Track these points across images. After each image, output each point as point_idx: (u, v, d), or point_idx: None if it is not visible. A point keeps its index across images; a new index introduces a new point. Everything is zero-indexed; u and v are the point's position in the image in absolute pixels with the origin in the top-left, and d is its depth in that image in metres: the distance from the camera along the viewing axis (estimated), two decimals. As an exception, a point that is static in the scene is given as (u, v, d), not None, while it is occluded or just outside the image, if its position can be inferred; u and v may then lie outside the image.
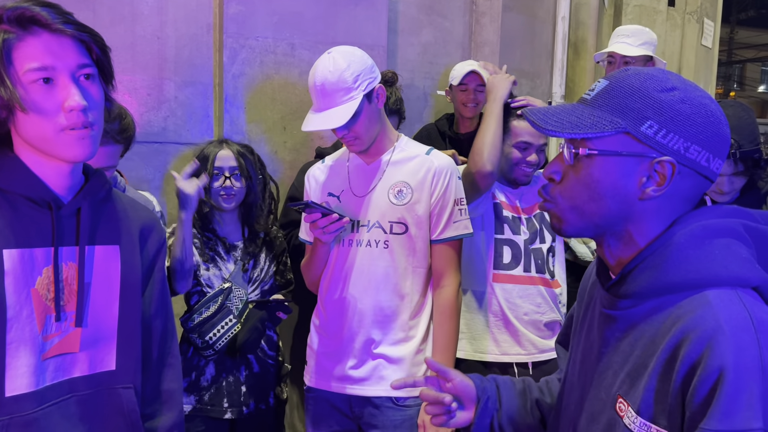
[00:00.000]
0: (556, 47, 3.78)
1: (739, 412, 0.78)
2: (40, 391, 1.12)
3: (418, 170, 1.92)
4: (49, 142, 1.08)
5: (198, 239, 2.21)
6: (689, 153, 0.91)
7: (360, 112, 1.81)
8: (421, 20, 3.10)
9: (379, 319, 1.90)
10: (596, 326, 1.05)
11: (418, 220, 1.90)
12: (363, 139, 1.87)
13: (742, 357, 0.80)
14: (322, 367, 1.98)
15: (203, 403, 2.16)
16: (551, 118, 0.96)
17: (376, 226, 1.91)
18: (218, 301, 2.16)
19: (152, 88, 2.56)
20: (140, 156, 2.56)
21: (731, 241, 0.92)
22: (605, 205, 0.95)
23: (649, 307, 0.94)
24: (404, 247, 1.90)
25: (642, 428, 0.89)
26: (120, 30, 2.47)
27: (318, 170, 2.06)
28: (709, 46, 5.16)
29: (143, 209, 1.33)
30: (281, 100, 2.76)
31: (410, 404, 1.91)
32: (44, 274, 1.13)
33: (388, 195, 1.91)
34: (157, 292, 1.32)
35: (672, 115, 0.91)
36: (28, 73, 1.04)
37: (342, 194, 1.97)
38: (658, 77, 0.94)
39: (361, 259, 1.91)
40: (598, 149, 0.94)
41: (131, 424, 1.24)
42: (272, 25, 2.71)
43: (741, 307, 0.86)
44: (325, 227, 1.81)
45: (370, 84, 1.84)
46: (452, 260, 1.94)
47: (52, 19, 1.05)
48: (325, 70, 1.81)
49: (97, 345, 1.20)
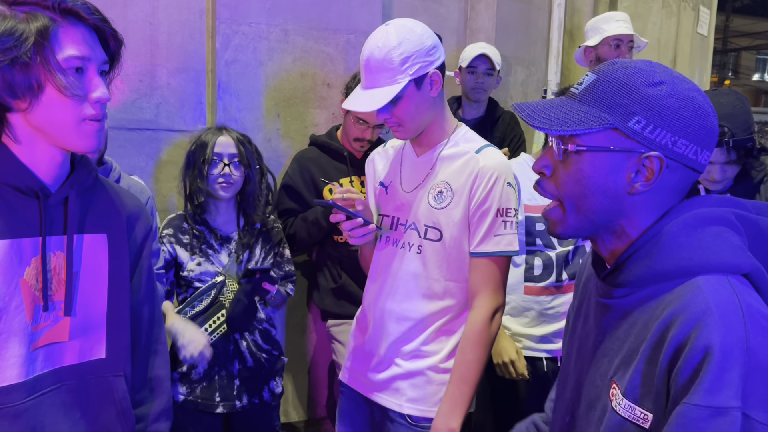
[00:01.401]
0: (552, 34, 3.77)
1: (722, 390, 0.80)
2: (30, 381, 1.13)
3: (462, 170, 1.71)
4: (69, 129, 1.11)
5: (189, 234, 2.18)
6: (677, 147, 0.93)
7: (402, 97, 1.64)
8: (415, 6, 3.08)
9: (403, 327, 1.76)
10: (592, 316, 1.06)
11: (455, 227, 1.70)
12: (407, 127, 1.69)
13: (728, 338, 0.82)
14: (353, 364, 1.89)
15: (195, 396, 2.15)
16: (540, 114, 0.97)
17: (412, 227, 1.75)
18: (211, 294, 2.14)
19: (144, 75, 2.54)
20: (132, 143, 2.54)
21: (723, 230, 0.94)
22: (597, 201, 0.97)
23: (643, 295, 0.96)
24: (437, 256, 1.71)
25: (627, 410, 0.92)
26: (111, 15, 2.39)
27: (377, 155, 1.93)
28: (705, 34, 5.15)
29: (130, 197, 1.33)
30: (275, 86, 2.74)
31: (424, 425, 1.73)
32: (32, 264, 1.13)
33: (428, 195, 1.73)
34: (144, 279, 1.33)
35: (659, 110, 0.92)
36: (68, 59, 1.08)
37: (390, 186, 1.83)
38: (645, 71, 0.95)
39: (394, 261, 1.78)
40: (586, 145, 0.95)
41: (122, 411, 1.25)
42: (265, 11, 2.68)
43: (731, 292, 0.88)
44: (351, 230, 1.70)
45: (423, 68, 1.65)
46: (490, 279, 1.70)
47: (88, 13, 1.11)
48: (374, 44, 1.65)
49: (87, 334, 1.20)
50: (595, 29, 3.07)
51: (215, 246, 2.19)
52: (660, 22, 4.50)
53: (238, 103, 2.69)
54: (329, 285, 2.60)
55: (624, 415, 0.92)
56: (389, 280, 1.78)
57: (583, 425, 1.04)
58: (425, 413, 1.73)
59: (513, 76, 3.58)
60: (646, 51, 4.30)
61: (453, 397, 1.68)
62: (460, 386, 1.68)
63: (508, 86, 3.53)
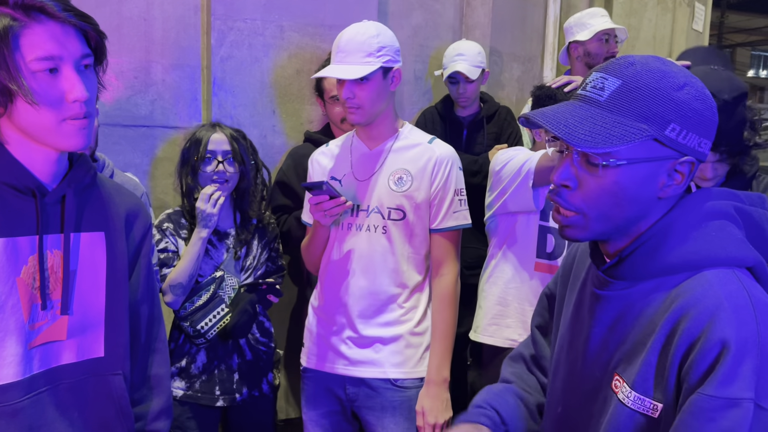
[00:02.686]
0: (548, 30, 3.76)
1: (736, 382, 0.82)
2: (27, 380, 1.12)
3: (419, 158, 1.93)
4: (50, 131, 1.08)
5: (187, 230, 2.18)
6: (701, 147, 0.95)
7: (371, 80, 1.83)
8: (411, 2, 3.07)
9: (376, 302, 1.93)
10: (586, 307, 1.06)
11: (417, 207, 1.92)
12: (365, 110, 1.86)
13: (742, 332, 0.84)
14: (319, 348, 2.01)
15: (194, 390, 2.15)
16: (575, 129, 0.92)
17: (375, 211, 1.93)
18: (210, 289, 2.14)
19: (139, 71, 2.53)
20: (127, 140, 2.53)
21: (725, 223, 0.96)
22: (627, 209, 0.96)
23: (645, 288, 0.97)
24: (402, 234, 1.92)
25: (636, 402, 0.93)
26: (106, 11, 2.43)
27: (321, 154, 2.07)
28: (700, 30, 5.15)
29: (128, 194, 1.32)
30: (270, 83, 2.73)
31: (409, 386, 1.94)
32: (29, 263, 1.12)
33: (388, 181, 1.93)
34: (143, 278, 1.32)
35: (690, 115, 0.93)
36: (35, 62, 1.04)
37: (344, 178, 1.98)
38: (669, 74, 0.94)
39: (360, 243, 1.93)
40: (626, 158, 0.93)
41: (120, 410, 1.24)
42: (261, 7, 2.67)
43: (739, 286, 0.90)
44: (329, 210, 1.82)
45: (391, 61, 1.86)
46: (451, 250, 1.97)
47: (56, 8, 1.05)
48: (354, 30, 1.85)
49: (85, 332, 1.20)
50: (581, 25, 3.07)
51: (213, 241, 2.19)
52: (655, 19, 4.50)
53: (233, 100, 2.68)
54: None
55: (633, 407, 0.93)
56: (358, 261, 1.93)
57: (582, 417, 1.04)
58: (410, 374, 1.94)
59: (509, 72, 3.57)
60: (642, 47, 4.31)
61: (439, 351, 1.93)
62: (442, 342, 1.94)
63: (503, 82, 3.53)
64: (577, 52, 3.08)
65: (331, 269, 1.99)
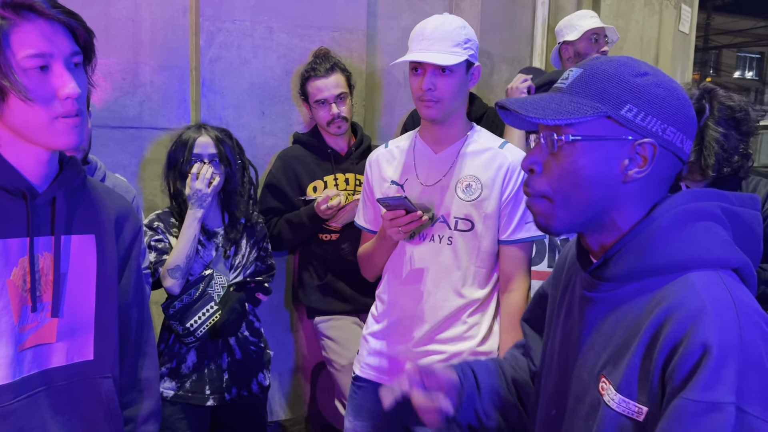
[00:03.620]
0: (536, 32, 3.78)
1: (718, 386, 0.82)
2: (17, 383, 1.12)
3: (489, 165, 1.80)
4: (42, 129, 1.07)
5: (177, 229, 2.18)
6: (666, 134, 0.94)
7: (455, 72, 1.72)
8: (400, 4, 3.07)
9: (439, 316, 1.82)
10: (576, 309, 1.06)
11: (486, 218, 1.79)
12: (444, 104, 1.74)
13: (724, 335, 0.84)
14: (376, 358, 1.92)
15: (184, 390, 2.15)
16: (532, 107, 0.97)
17: (440, 220, 1.81)
18: (200, 287, 2.14)
19: (127, 72, 2.51)
20: (115, 141, 2.52)
21: (711, 224, 0.95)
22: (591, 192, 0.97)
23: (632, 289, 0.96)
24: (468, 245, 1.80)
25: (621, 405, 0.92)
26: (93, 12, 2.42)
27: (381, 155, 1.95)
28: (687, 31, 5.19)
29: (118, 197, 1.31)
30: (259, 84, 2.72)
31: None
32: (20, 265, 1.11)
33: (455, 189, 1.80)
34: (133, 281, 1.32)
35: (649, 99, 0.94)
36: (26, 59, 1.04)
37: (406, 183, 1.86)
38: (629, 63, 0.97)
39: (423, 254, 1.82)
40: (581, 135, 0.95)
41: (110, 413, 1.24)
42: (249, 8, 2.67)
43: (723, 289, 0.89)
44: (404, 226, 1.72)
45: (474, 57, 1.76)
46: (522, 263, 1.83)
47: (45, 6, 1.05)
48: (440, 19, 1.75)
49: (75, 335, 1.19)
50: (570, 26, 3.09)
51: (202, 240, 2.19)
52: (642, 20, 4.53)
53: (222, 101, 2.67)
54: (314, 282, 2.60)
55: (618, 410, 0.93)
56: (421, 273, 1.82)
57: (572, 419, 1.04)
58: None
59: (497, 73, 3.58)
60: (630, 49, 4.33)
61: None
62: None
63: (492, 84, 3.54)
64: (567, 53, 3.10)
65: (392, 279, 1.89)
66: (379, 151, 1.98)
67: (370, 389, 1.92)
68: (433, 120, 1.78)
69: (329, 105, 2.52)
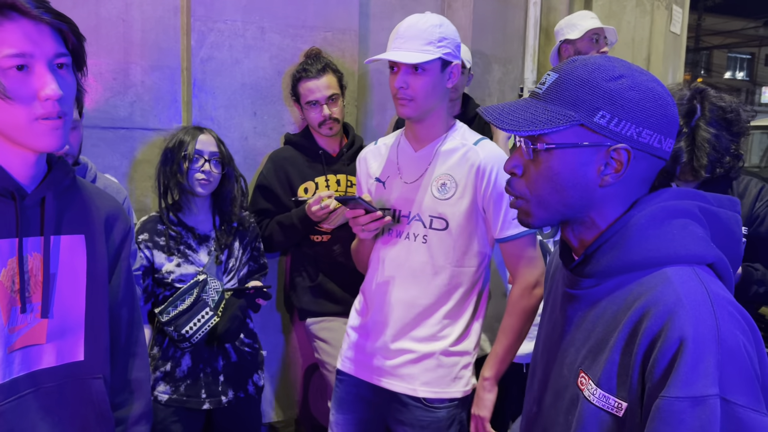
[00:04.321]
0: (528, 33, 3.78)
1: (698, 379, 0.83)
2: (6, 384, 1.11)
3: (463, 163, 1.79)
4: (22, 130, 1.06)
5: (165, 235, 2.16)
6: (642, 137, 0.95)
7: (428, 70, 1.71)
8: (393, 4, 3.07)
9: (411, 313, 1.83)
10: (559, 306, 1.08)
11: (461, 216, 1.78)
12: (418, 102, 1.74)
13: (700, 328, 0.85)
14: (354, 353, 1.93)
15: (179, 394, 2.13)
16: (507, 117, 0.99)
17: (416, 218, 1.81)
18: (194, 293, 2.12)
19: (118, 72, 2.50)
20: (106, 142, 2.51)
21: (688, 222, 0.97)
22: (568, 196, 0.99)
23: (610, 285, 0.98)
24: (443, 244, 1.79)
25: (601, 400, 0.94)
26: (83, 12, 2.41)
27: (369, 153, 1.97)
28: (678, 32, 5.21)
29: (108, 197, 1.31)
30: (251, 84, 2.72)
31: (439, 406, 1.82)
32: (9, 266, 1.11)
33: (431, 187, 1.80)
34: (123, 281, 1.31)
35: (622, 103, 0.95)
36: (5, 59, 1.02)
37: (388, 180, 1.88)
38: (605, 67, 0.97)
39: (400, 251, 1.83)
40: (555, 143, 0.97)
41: (101, 414, 1.24)
42: (241, 8, 2.66)
43: (698, 283, 0.91)
44: (365, 225, 1.74)
45: (451, 55, 1.74)
46: (521, 257, 1.80)
47: (30, 6, 1.04)
48: (416, 18, 1.75)
49: (65, 336, 1.19)
50: (571, 26, 3.09)
51: (193, 246, 2.17)
52: (634, 21, 4.54)
53: (213, 102, 2.66)
54: (306, 284, 2.60)
55: (598, 404, 0.94)
56: (396, 270, 1.83)
57: (551, 415, 1.05)
58: (439, 395, 1.81)
59: (490, 74, 3.59)
60: (621, 50, 4.34)
61: (493, 353, 1.81)
62: (498, 345, 1.80)
63: (485, 84, 3.54)
64: (567, 52, 3.10)
65: (371, 275, 1.91)
66: (369, 148, 2.00)
67: (350, 383, 1.94)
68: (409, 118, 1.79)
69: (320, 106, 2.52)
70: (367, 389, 1.91)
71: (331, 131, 2.55)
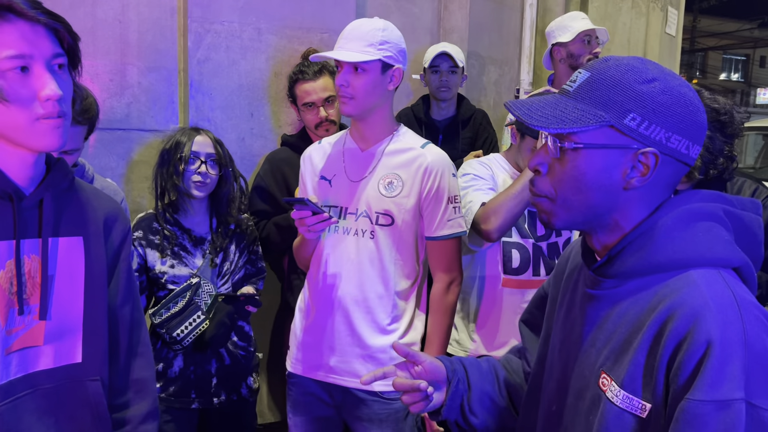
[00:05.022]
0: (524, 34, 3.79)
1: (724, 383, 0.82)
2: (4, 386, 1.11)
3: (410, 163, 1.86)
4: (23, 131, 1.07)
5: (160, 235, 2.16)
6: (670, 142, 0.94)
7: (368, 71, 1.78)
8: (389, 6, 3.08)
9: (360, 309, 1.87)
10: (578, 306, 1.08)
11: (407, 213, 1.85)
12: (358, 101, 1.80)
13: (727, 331, 0.84)
14: (303, 353, 1.95)
15: (169, 393, 2.13)
16: (536, 113, 0.98)
17: (363, 215, 1.87)
18: (186, 296, 2.11)
19: (114, 74, 2.50)
20: (103, 143, 2.51)
21: (713, 225, 0.96)
22: (592, 197, 0.98)
23: (633, 286, 0.97)
24: (390, 240, 1.86)
25: (625, 401, 0.93)
26: (79, 13, 2.41)
27: (314, 151, 2.01)
28: (673, 34, 5.23)
29: (107, 199, 1.31)
30: (248, 86, 2.72)
31: (395, 398, 1.88)
32: (6, 268, 1.11)
33: (378, 185, 1.87)
34: (123, 282, 1.31)
35: (653, 107, 0.93)
36: (5, 60, 1.03)
37: (334, 179, 1.93)
38: (638, 68, 0.96)
39: (347, 247, 1.88)
40: (583, 143, 0.96)
41: (98, 416, 1.24)
42: (238, 10, 2.66)
43: (724, 286, 0.90)
44: (312, 225, 1.77)
45: (392, 59, 1.81)
46: (444, 258, 1.91)
47: (26, 7, 1.04)
48: (361, 21, 1.83)
49: (62, 338, 1.19)
50: (562, 28, 3.10)
51: (188, 248, 2.17)
52: (630, 23, 4.56)
53: (210, 103, 2.66)
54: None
55: (622, 406, 0.93)
56: (344, 266, 1.88)
57: (573, 415, 1.05)
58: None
59: (486, 75, 3.60)
60: (617, 51, 4.36)
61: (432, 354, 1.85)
62: (428, 348, 1.90)
63: (481, 86, 3.55)
64: (560, 54, 3.10)
65: (317, 272, 1.94)
66: (313, 146, 2.04)
67: (301, 384, 1.97)
68: (349, 115, 1.85)
69: (317, 108, 2.53)
70: (320, 388, 1.94)
71: (327, 133, 2.56)
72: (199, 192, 2.15)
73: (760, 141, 7.74)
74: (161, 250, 2.13)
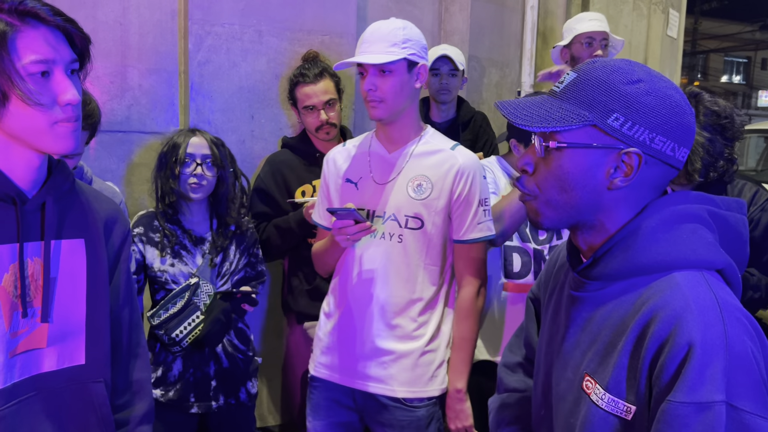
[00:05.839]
0: (525, 36, 3.80)
1: (704, 385, 0.82)
2: (8, 389, 1.11)
3: (440, 165, 1.83)
4: (42, 134, 1.08)
5: (159, 233, 2.15)
6: (655, 144, 0.95)
7: (395, 72, 1.76)
8: (390, 8, 3.08)
9: (387, 313, 1.84)
10: (563, 308, 1.08)
11: (437, 216, 1.82)
12: (388, 104, 1.78)
13: (708, 334, 0.85)
14: (327, 357, 1.93)
15: (168, 398, 2.13)
16: (522, 112, 0.99)
17: (391, 218, 1.84)
18: (185, 297, 2.11)
19: (115, 76, 2.50)
20: (103, 145, 2.51)
21: (697, 226, 0.97)
22: (575, 196, 0.99)
23: (618, 289, 0.98)
24: (418, 243, 1.83)
25: (610, 404, 0.94)
26: (80, 15, 2.40)
27: (338, 154, 1.98)
28: (674, 36, 5.23)
29: (107, 201, 1.31)
30: (249, 88, 2.72)
31: (417, 405, 1.85)
32: (10, 271, 1.11)
33: (406, 188, 1.83)
34: (123, 283, 1.32)
35: (637, 108, 0.94)
36: (30, 65, 1.05)
37: (360, 181, 1.90)
38: (624, 69, 0.97)
39: (374, 251, 1.85)
40: (567, 142, 0.97)
41: (102, 418, 1.24)
42: (239, 12, 2.66)
43: (707, 288, 0.91)
44: (353, 235, 1.74)
45: (416, 56, 1.79)
46: (473, 262, 1.88)
47: (48, 13, 1.07)
48: (380, 23, 1.81)
49: (65, 340, 1.19)
50: (568, 29, 3.10)
51: (189, 247, 2.16)
52: (631, 25, 4.56)
53: (211, 105, 2.66)
54: (303, 287, 2.59)
55: (607, 409, 0.94)
56: (371, 270, 1.85)
57: (559, 418, 1.05)
58: (418, 394, 1.84)
59: (487, 77, 3.60)
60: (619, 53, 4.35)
61: (453, 364, 1.87)
62: (457, 353, 1.87)
63: (481, 88, 3.55)
64: (565, 57, 3.11)
65: (343, 276, 1.91)
66: (337, 149, 2.01)
67: (325, 388, 1.94)
68: (380, 120, 1.82)
69: (318, 111, 2.52)
70: (343, 393, 1.92)
71: (328, 136, 2.56)
72: (196, 194, 2.14)
73: (762, 143, 7.73)
74: (161, 249, 2.13)
